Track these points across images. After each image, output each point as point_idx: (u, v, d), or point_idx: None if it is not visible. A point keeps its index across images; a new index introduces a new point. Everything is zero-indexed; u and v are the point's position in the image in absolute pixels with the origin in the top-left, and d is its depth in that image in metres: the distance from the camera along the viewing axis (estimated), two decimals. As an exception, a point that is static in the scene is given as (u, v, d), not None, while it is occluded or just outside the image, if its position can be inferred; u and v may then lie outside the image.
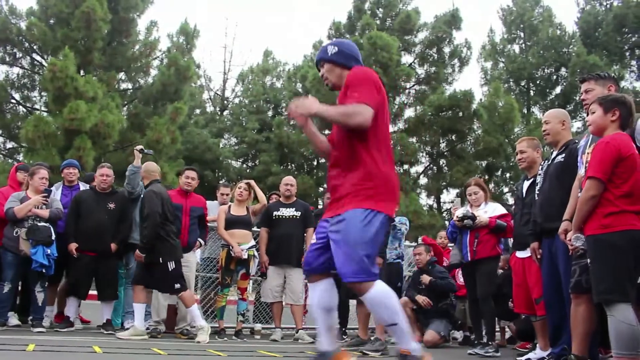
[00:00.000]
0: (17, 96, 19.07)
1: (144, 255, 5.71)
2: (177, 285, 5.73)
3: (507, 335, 6.97)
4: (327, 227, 3.00)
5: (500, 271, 6.15)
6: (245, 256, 6.21)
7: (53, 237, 5.92)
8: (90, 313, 7.38)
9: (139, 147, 6.84)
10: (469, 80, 49.68)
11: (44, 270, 5.86)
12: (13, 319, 6.18)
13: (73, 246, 6.14)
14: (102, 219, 6.22)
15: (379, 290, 2.87)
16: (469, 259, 5.67)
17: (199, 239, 6.60)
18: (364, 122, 2.87)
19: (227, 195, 7.28)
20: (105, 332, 6.03)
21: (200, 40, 21.28)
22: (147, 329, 5.95)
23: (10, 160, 18.00)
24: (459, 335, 7.32)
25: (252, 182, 6.76)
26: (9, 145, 19.12)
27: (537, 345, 5.01)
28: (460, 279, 6.97)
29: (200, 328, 5.75)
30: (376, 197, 2.91)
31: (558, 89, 24.27)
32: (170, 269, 5.70)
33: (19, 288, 6.32)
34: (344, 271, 2.83)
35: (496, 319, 6.08)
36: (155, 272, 5.71)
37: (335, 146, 3.12)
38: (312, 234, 6.68)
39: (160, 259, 5.70)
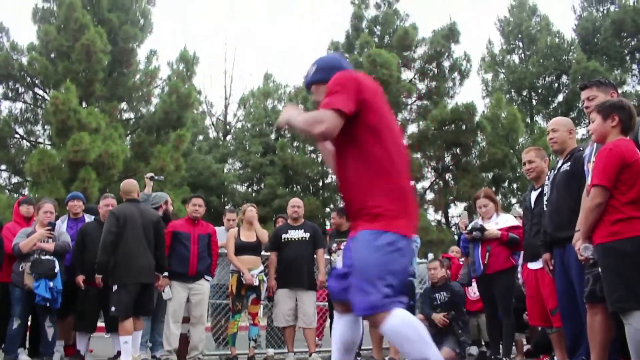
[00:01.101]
0: (20, 131, 19.19)
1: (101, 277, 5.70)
2: (113, 309, 5.49)
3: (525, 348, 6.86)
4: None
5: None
6: (257, 282, 6.18)
7: (56, 270, 5.87)
8: (101, 345, 7.32)
9: (149, 174, 6.87)
10: (471, 93, 49.52)
11: (48, 304, 5.82)
12: (23, 356, 6.10)
13: (80, 278, 6.11)
14: None
15: (398, 321, 2.42)
16: (481, 272, 5.60)
17: (206, 276, 6.39)
18: (325, 132, 2.50)
19: (234, 220, 7.24)
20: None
21: (200, 66, 21.42)
22: (159, 359, 5.89)
23: (16, 195, 18.05)
24: (474, 351, 7.21)
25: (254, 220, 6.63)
26: (14, 180, 19.19)
27: (555, 357, 4.92)
28: (471, 295, 6.90)
29: None
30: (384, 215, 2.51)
31: (560, 97, 24.28)
32: (113, 291, 5.53)
33: (29, 323, 6.29)
34: (354, 302, 2.48)
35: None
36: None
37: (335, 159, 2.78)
38: (323, 255, 6.71)
39: (109, 280, 5.62)
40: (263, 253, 6.62)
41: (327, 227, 11.22)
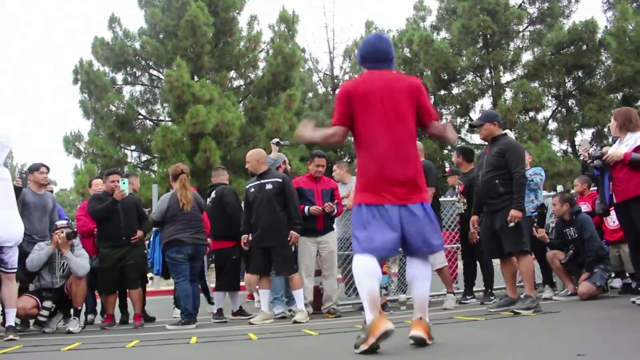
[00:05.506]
0: (142, 111, 20.42)
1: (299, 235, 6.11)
2: (295, 267, 6.10)
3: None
4: None
5: None
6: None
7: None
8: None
9: (275, 140, 7.05)
10: (589, 9, 45.72)
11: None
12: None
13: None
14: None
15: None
16: (616, 201, 5.16)
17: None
18: (337, 141, 3.68)
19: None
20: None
21: (300, 24, 21.38)
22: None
23: (147, 172, 19.28)
24: (617, 283, 6.77)
25: None
26: (144, 158, 20.48)
27: None
28: (610, 224, 6.46)
29: (299, 310, 5.86)
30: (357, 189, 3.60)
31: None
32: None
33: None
34: None
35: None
36: (274, 255, 5.94)
37: None
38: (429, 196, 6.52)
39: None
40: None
41: (446, 169, 10.94)
